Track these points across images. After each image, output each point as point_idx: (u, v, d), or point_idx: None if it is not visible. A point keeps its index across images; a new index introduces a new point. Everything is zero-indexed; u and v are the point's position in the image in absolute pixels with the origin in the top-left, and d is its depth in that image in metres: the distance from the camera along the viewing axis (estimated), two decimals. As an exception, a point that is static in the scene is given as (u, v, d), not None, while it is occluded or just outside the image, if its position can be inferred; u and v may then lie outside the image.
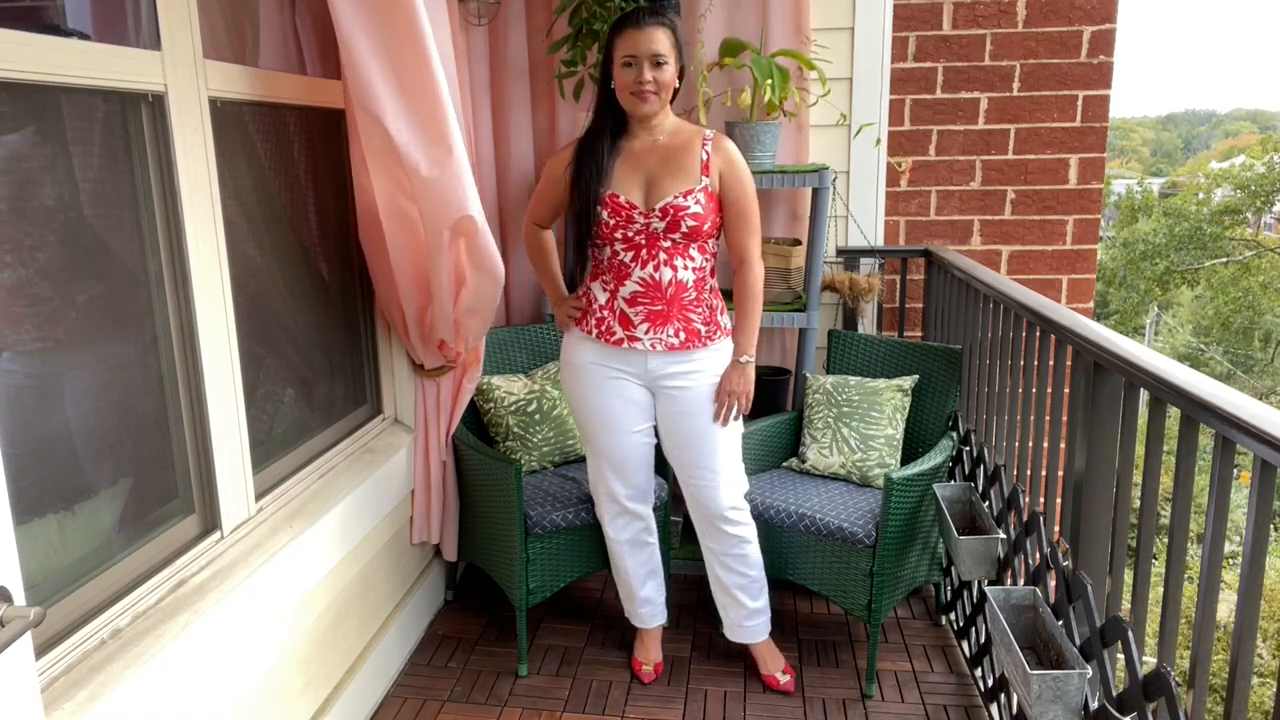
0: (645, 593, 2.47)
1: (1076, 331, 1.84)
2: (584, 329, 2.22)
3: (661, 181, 2.09)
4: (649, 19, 2.03)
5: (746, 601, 2.40)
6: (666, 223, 2.08)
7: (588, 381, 2.24)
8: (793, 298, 2.89)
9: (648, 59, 2.01)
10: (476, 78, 2.88)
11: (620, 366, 2.21)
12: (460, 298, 2.28)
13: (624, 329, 2.16)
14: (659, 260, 2.10)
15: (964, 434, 2.60)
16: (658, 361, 2.18)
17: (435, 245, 2.09)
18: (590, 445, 2.33)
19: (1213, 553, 1.39)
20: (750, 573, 2.37)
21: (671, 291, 2.12)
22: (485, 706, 2.37)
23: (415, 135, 1.94)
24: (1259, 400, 1.36)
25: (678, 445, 2.26)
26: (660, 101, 2.07)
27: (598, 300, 2.19)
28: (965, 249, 3.31)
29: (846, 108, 3.10)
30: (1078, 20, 3.13)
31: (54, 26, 1.50)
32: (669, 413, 2.24)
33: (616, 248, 2.13)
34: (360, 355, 2.52)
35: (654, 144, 2.13)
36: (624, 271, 2.13)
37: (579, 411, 2.30)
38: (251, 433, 1.91)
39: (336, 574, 2.13)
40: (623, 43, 2.03)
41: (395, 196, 2.12)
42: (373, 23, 1.85)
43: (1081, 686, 1.62)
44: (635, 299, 2.13)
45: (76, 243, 1.50)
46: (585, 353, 2.23)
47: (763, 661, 2.47)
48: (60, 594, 1.44)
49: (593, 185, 2.09)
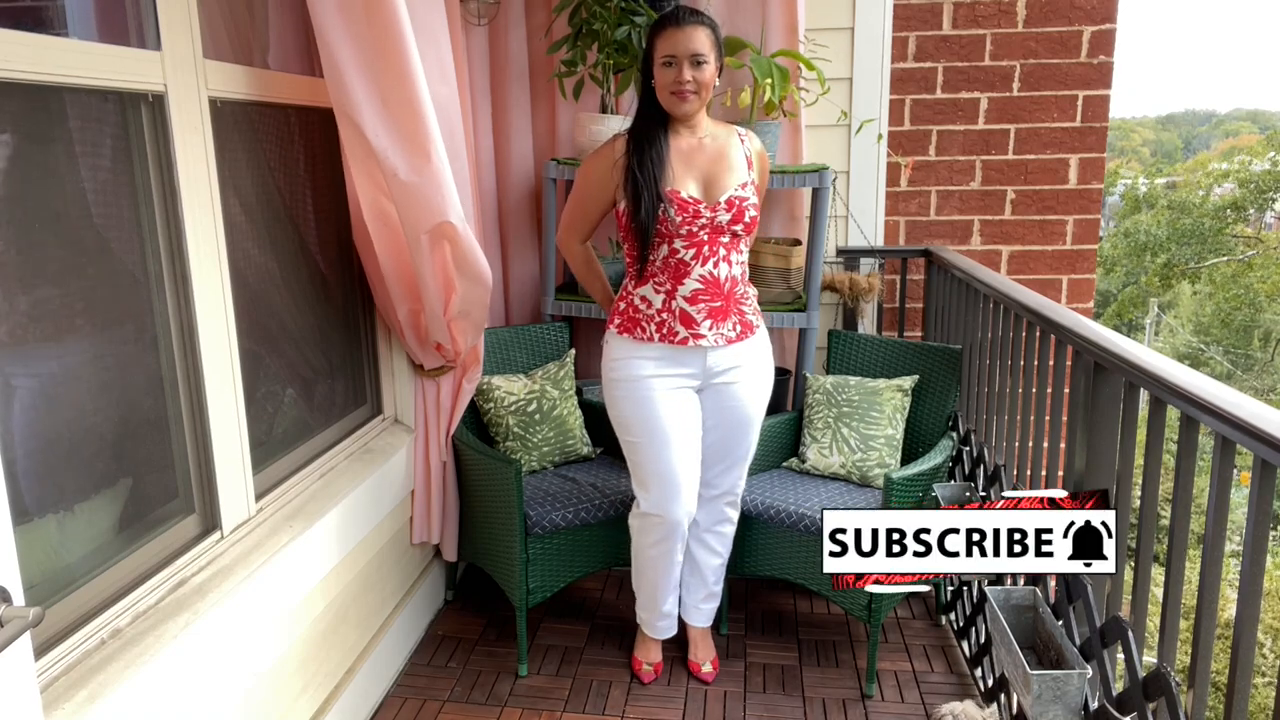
0: (667, 606, 2.45)
1: (1076, 331, 1.84)
2: (640, 336, 2.16)
3: (719, 178, 2.10)
4: (689, 18, 2.01)
5: (711, 582, 2.46)
6: (732, 215, 2.08)
7: (645, 397, 2.16)
8: (793, 298, 2.89)
9: (687, 58, 1.99)
10: (476, 78, 2.88)
11: (681, 370, 2.17)
12: (451, 302, 2.28)
13: (686, 328, 2.13)
14: (719, 256, 2.10)
15: (964, 434, 2.60)
16: (717, 356, 2.18)
17: (415, 249, 2.09)
18: (644, 464, 2.22)
19: (1213, 552, 1.39)
20: (722, 551, 2.44)
21: (729, 286, 2.13)
22: (485, 706, 2.37)
23: (393, 140, 1.94)
24: (1259, 399, 1.36)
25: (720, 435, 2.28)
26: (700, 101, 2.06)
27: (652, 304, 2.14)
28: (965, 249, 3.31)
29: (846, 108, 3.10)
30: (1078, 20, 3.13)
31: (54, 26, 1.50)
32: (716, 405, 2.25)
33: (675, 245, 2.09)
34: (360, 355, 2.52)
35: (699, 142, 2.12)
36: (683, 270, 2.10)
37: (638, 429, 2.19)
38: (251, 433, 1.91)
39: (336, 574, 2.13)
40: (663, 42, 2.01)
41: (377, 199, 2.12)
42: (352, 30, 1.85)
43: (1081, 686, 1.62)
44: (696, 296, 2.11)
45: (76, 243, 1.50)
46: (643, 364, 2.16)
47: (695, 648, 2.51)
48: (60, 594, 1.43)
49: (658, 179, 2.05)
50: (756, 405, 2.29)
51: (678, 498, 2.24)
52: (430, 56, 2.03)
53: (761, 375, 2.29)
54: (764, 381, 2.30)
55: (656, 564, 2.36)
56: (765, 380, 2.31)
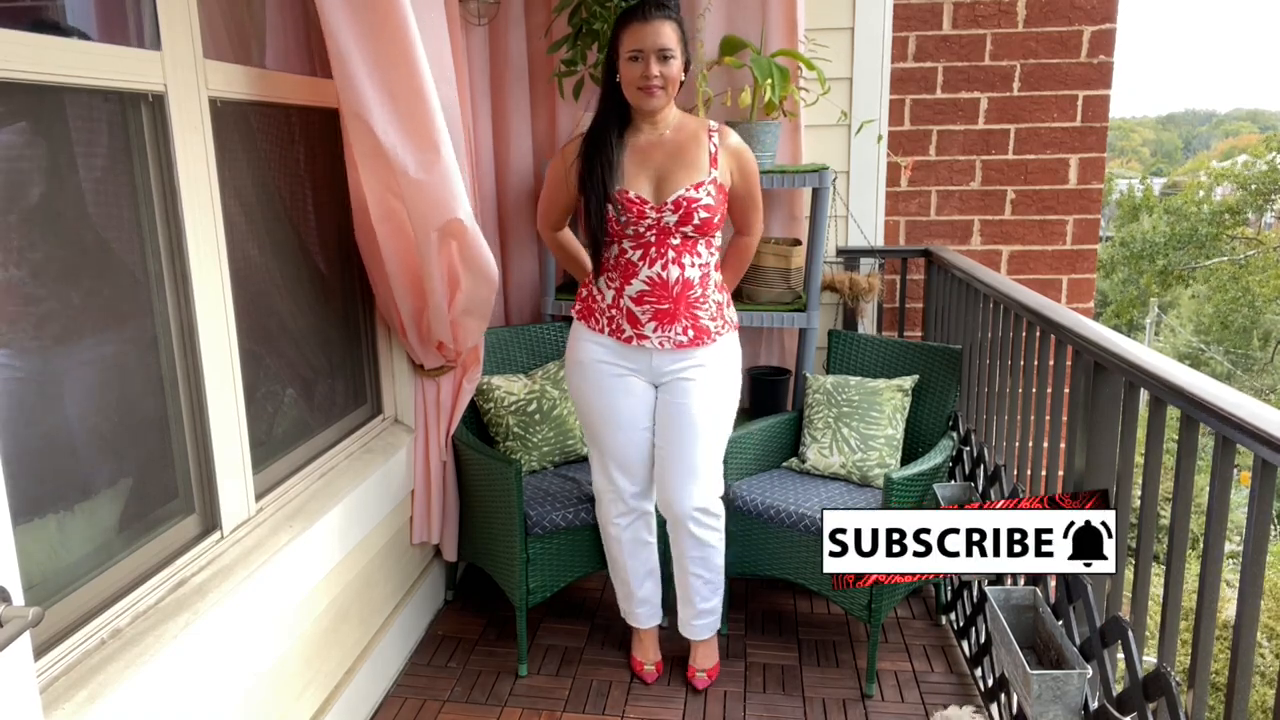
0: (644, 592, 2.46)
1: (1077, 331, 1.84)
2: (593, 326, 2.20)
3: (672, 175, 2.06)
4: (655, 12, 1.98)
5: (697, 602, 2.38)
6: (679, 216, 2.05)
7: (594, 379, 2.22)
8: (793, 298, 2.89)
9: (654, 53, 1.97)
10: (476, 78, 2.88)
11: (627, 363, 2.19)
12: (455, 300, 2.28)
13: (632, 327, 2.14)
14: (667, 258, 2.07)
15: (964, 434, 2.60)
16: (664, 359, 2.17)
17: (425, 247, 2.09)
18: (596, 444, 2.31)
19: (1213, 552, 1.39)
20: (704, 574, 2.34)
21: (678, 290, 2.09)
22: (485, 706, 2.37)
23: (402, 137, 1.94)
24: (1258, 399, 1.36)
25: (666, 437, 2.22)
26: (667, 96, 2.04)
27: (605, 299, 2.17)
28: (965, 249, 3.31)
29: (846, 108, 3.10)
30: (1078, 20, 3.13)
31: (54, 26, 1.50)
32: (666, 401, 2.21)
33: (624, 245, 2.10)
34: (360, 355, 2.52)
35: (660, 138, 2.10)
36: (630, 270, 2.10)
37: (585, 410, 2.27)
38: (251, 433, 1.91)
39: (336, 574, 2.13)
40: (628, 36, 1.99)
41: (385, 198, 2.12)
42: (361, 28, 1.85)
43: (1081, 686, 1.62)
44: (642, 298, 2.10)
45: (76, 242, 1.50)
46: (593, 350, 2.21)
47: (694, 654, 2.47)
48: (60, 594, 1.44)
49: (605, 182, 2.05)
50: (707, 413, 2.18)
51: (628, 473, 2.29)
52: (432, 56, 2.03)
53: (716, 385, 2.18)
54: (719, 391, 2.20)
55: (620, 543, 2.37)
56: (721, 391, 2.20)
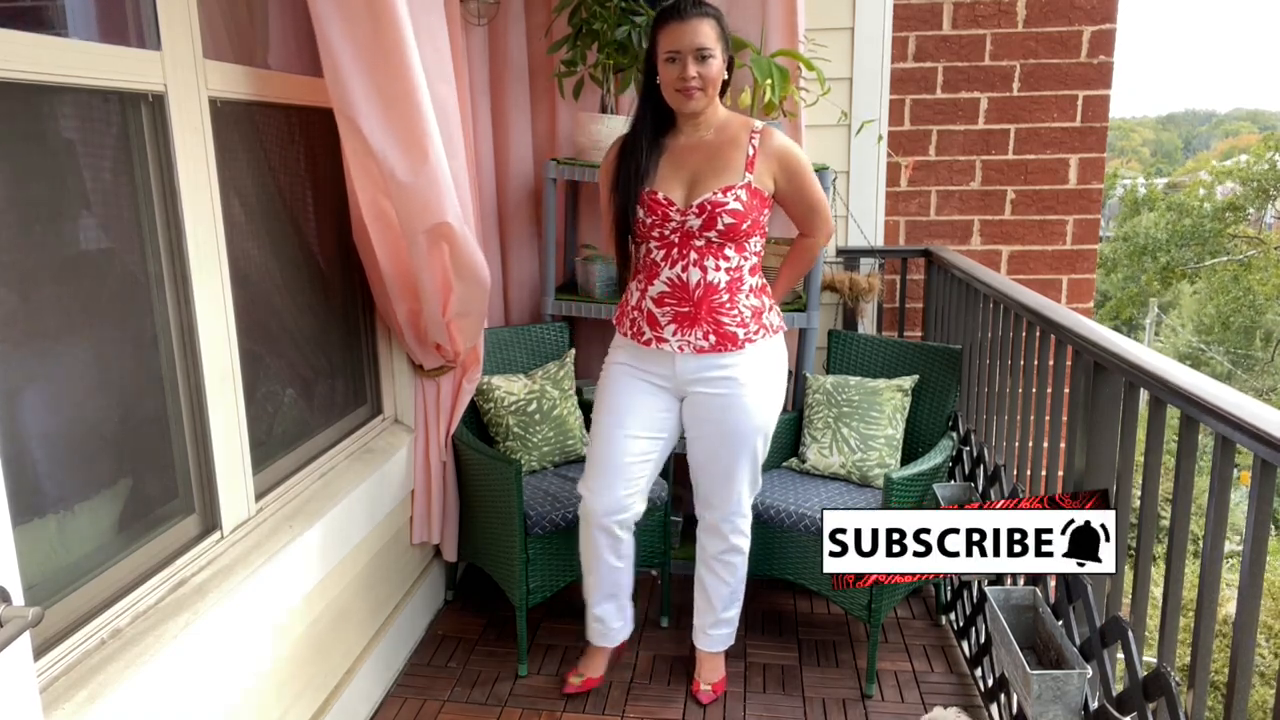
0: (599, 610, 2.36)
1: (1077, 331, 1.84)
2: (622, 329, 2.18)
3: (704, 178, 2.02)
4: (692, 10, 1.92)
5: (719, 608, 2.35)
6: (703, 220, 1.99)
7: (613, 377, 2.19)
8: (793, 298, 2.89)
9: (691, 53, 1.91)
10: (476, 78, 2.88)
11: (651, 369, 2.14)
12: (449, 303, 2.28)
13: (651, 329, 2.10)
14: (689, 260, 2.03)
15: (964, 434, 2.60)
16: (686, 364, 2.10)
17: (414, 249, 2.09)
18: (592, 443, 2.23)
19: (1213, 552, 1.39)
20: (731, 581, 2.33)
21: (700, 293, 2.03)
22: (485, 706, 2.37)
23: (391, 139, 1.94)
24: (1259, 400, 1.36)
25: (702, 449, 2.19)
26: (706, 98, 1.98)
27: (631, 300, 2.15)
28: (965, 249, 3.31)
29: (846, 108, 3.10)
30: (1078, 20, 3.13)
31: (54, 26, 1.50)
32: (696, 416, 2.15)
33: (650, 246, 2.08)
34: (360, 355, 2.52)
35: (700, 140, 2.05)
36: (654, 271, 2.08)
37: (599, 409, 2.21)
38: (251, 433, 1.91)
39: (337, 574, 2.13)
40: (665, 37, 1.94)
41: (376, 198, 2.12)
42: (351, 27, 1.84)
43: (1081, 686, 1.62)
44: (662, 299, 2.07)
45: (76, 242, 1.50)
46: (619, 353, 2.19)
47: (700, 667, 2.41)
48: (60, 594, 1.43)
49: (632, 184, 2.04)
50: (743, 423, 2.11)
51: (605, 487, 2.18)
52: (430, 56, 2.03)
53: (750, 394, 2.10)
54: (754, 400, 2.11)
55: (585, 554, 2.30)
56: (756, 400, 2.11)
